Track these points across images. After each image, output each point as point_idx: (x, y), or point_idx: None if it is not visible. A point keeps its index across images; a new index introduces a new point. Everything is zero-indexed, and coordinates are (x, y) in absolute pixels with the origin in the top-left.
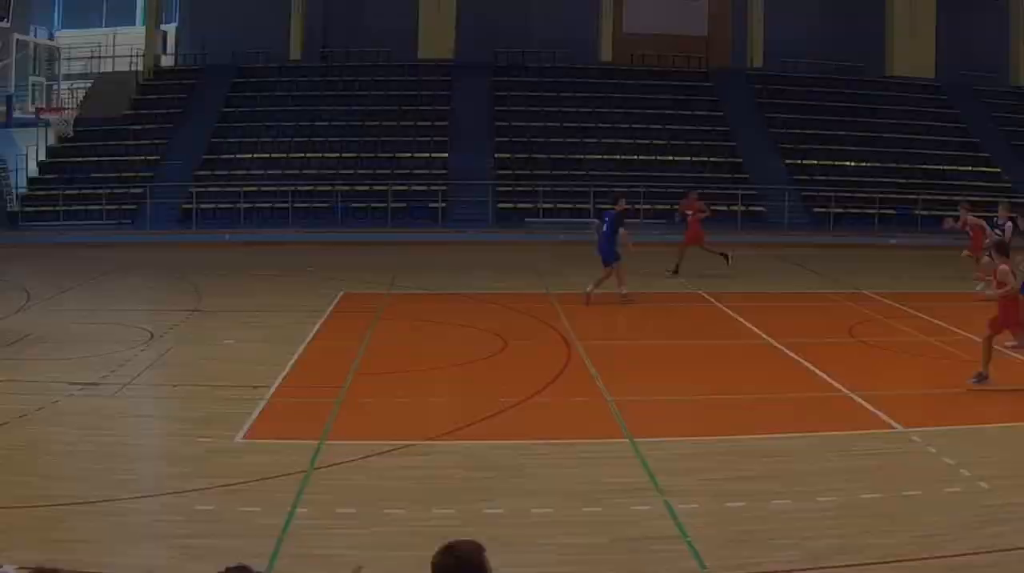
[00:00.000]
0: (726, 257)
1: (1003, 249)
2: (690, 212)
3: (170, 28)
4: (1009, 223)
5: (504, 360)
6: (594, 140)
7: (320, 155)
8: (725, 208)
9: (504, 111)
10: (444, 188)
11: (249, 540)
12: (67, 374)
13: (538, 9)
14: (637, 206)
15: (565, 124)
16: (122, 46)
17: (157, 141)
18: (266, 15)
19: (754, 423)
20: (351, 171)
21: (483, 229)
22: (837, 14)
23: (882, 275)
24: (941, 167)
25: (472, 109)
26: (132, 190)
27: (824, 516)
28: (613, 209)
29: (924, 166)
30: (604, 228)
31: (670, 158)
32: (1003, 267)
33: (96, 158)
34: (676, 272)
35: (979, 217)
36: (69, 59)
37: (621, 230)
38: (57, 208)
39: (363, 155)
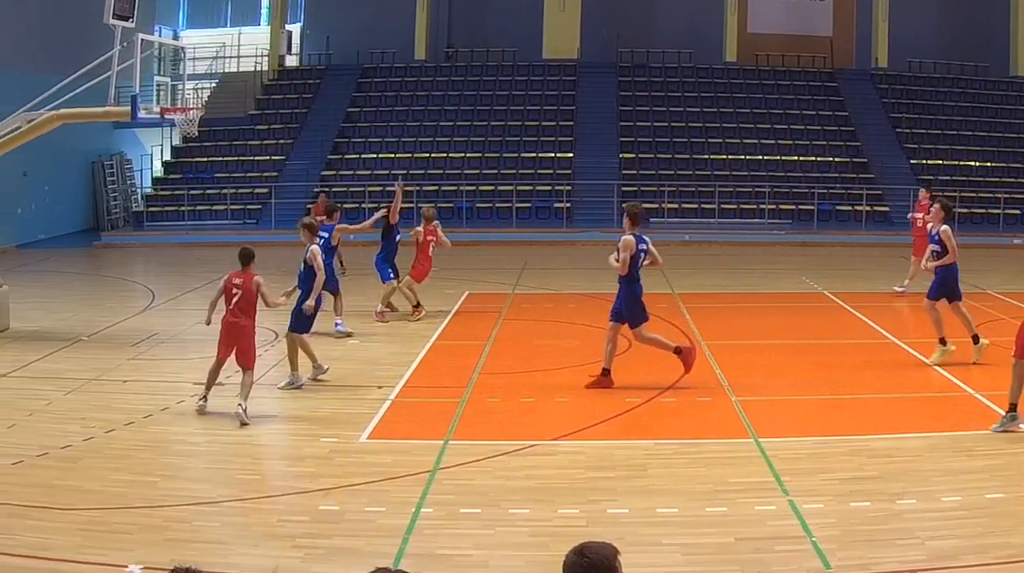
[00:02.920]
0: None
1: None
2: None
3: (295, 28)
4: None
5: (629, 360)
6: (719, 140)
7: (445, 155)
8: (849, 207)
9: (629, 111)
10: (569, 188)
11: (373, 540)
12: (192, 374)
13: (663, 9)
14: (762, 206)
15: (690, 124)
16: (247, 46)
17: (282, 141)
18: (390, 14)
19: (878, 423)
20: (476, 171)
21: (608, 229)
22: (962, 13)
23: (1006, 275)
24: None
25: (597, 109)
26: (257, 190)
27: (948, 516)
28: None
29: None
30: None
31: (795, 158)
32: None
33: (221, 158)
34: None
35: None
36: (194, 59)
37: None
38: (181, 208)
39: (488, 155)
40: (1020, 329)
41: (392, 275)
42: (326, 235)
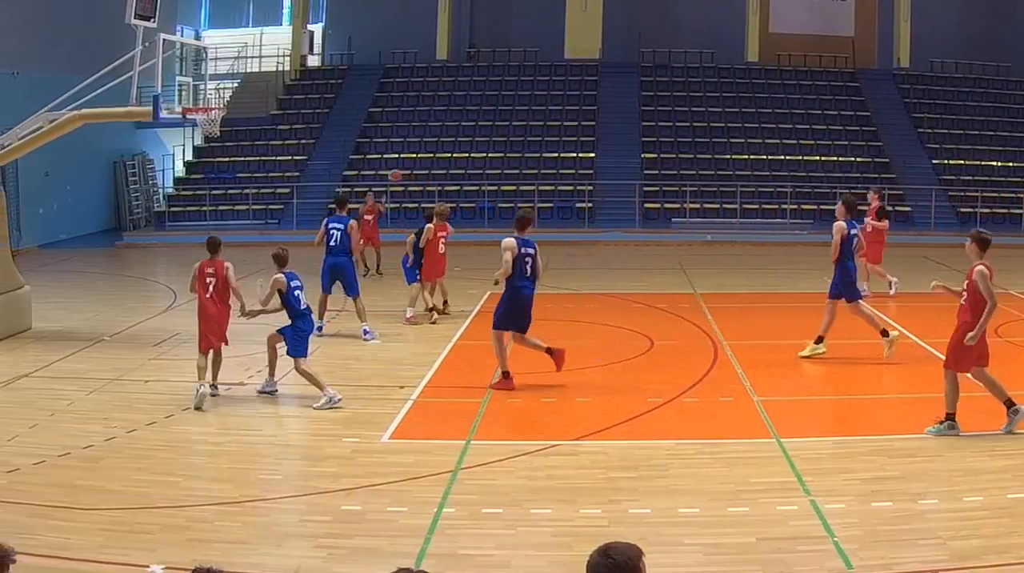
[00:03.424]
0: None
1: None
2: None
3: (316, 28)
4: None
5: (651, 360)
6: (740, 140)
7: (466, 155)
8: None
9: (651, 111)
10: (591, 188)
11: (395, 540)
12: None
13: (685, 9)
14: (783, 206)
15: (712, 124)
16: (268, 46)
17: (303, 141)
18: (412, 15)
19: (899, 423)
20: (498, 171)
21: (630, 229)
22: (984, 13)
23: None
24: None
25: (619, 109)
26: (279, 190)
27: (970, 516)
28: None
29: None
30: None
31: (817, 158)
32: None
33: (242, 158)
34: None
35: None
36: (216, 59)
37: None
38: (203, 208)
39: (510, 155)
40: (951, 340)
41: (418, 277)
42: (341, 227)
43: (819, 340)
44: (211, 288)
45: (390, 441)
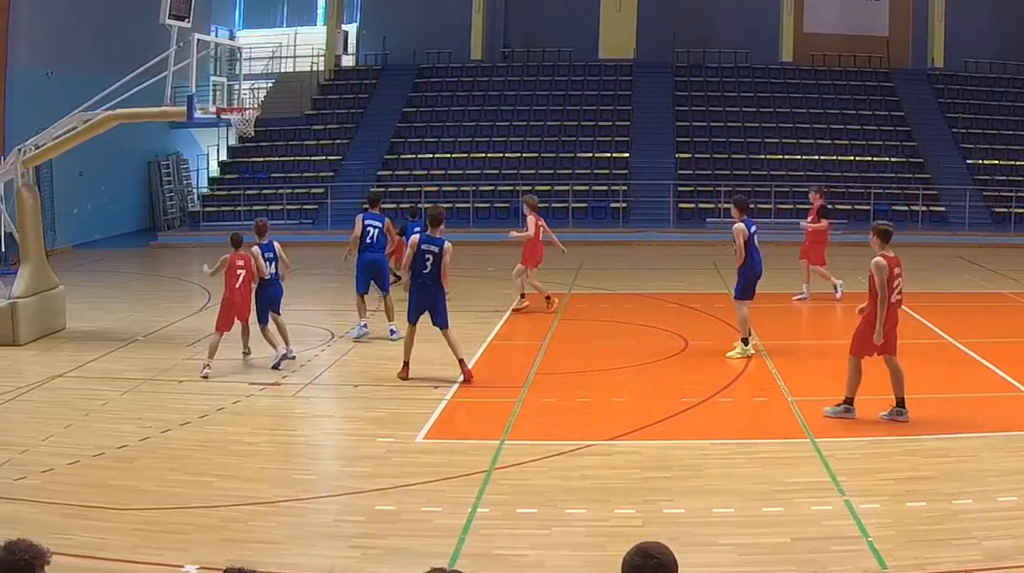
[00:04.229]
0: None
1: None
2: None
3: (351, 28)
4: None
5: (685, 360)
6: (775, 140)
7: (501, 155)
8: (906, 208)
9: (685, 111)
10: (625, 188)
11: (429, 540)
12: (248, 374)
13: (719, 9)
14: None
15: (746, 124)
16: (303, 46)
17: (338, 141)
18: (447, 15)
19: (934, 423)
20: (532, 171)
21: (664, 229)
22: (1018, 13)
23: None
24: None
25: (653, 109)
26: (313, 190)
27: (1005, 516)
28: None
29: None
30: None
31: (851, 158)
32: None
33: (277, 158)
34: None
35: None
36: (250, 59)
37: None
38: (238, 208)
39: (544, 155)
40: (857, 329)
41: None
42: (379, 224)
43: (745, 341)
44: (240, 280)
45: (424, 441)
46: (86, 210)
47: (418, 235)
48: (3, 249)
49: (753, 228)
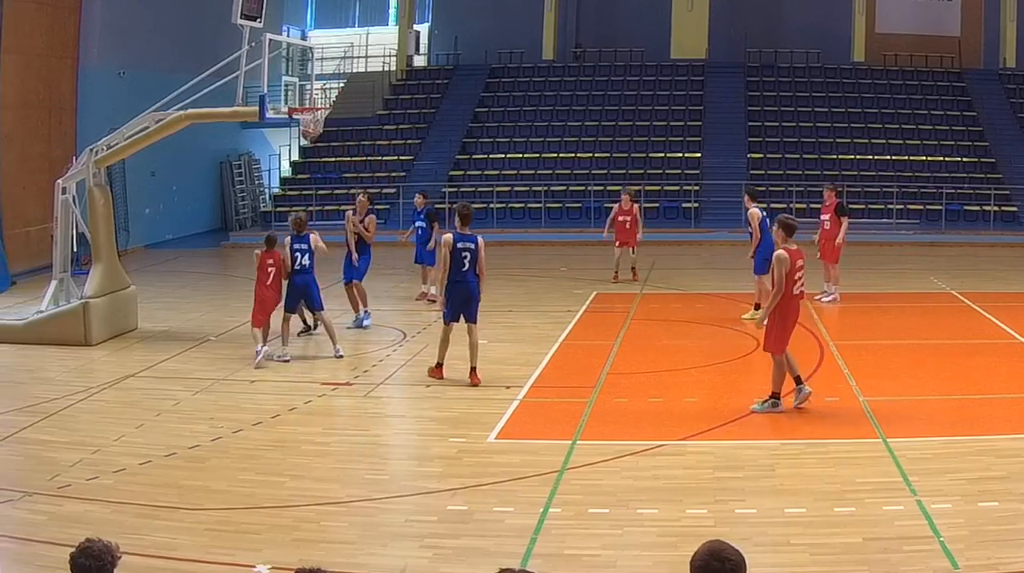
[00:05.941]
0: None
1: None
2: None
3: (423, 28)
4: None
5: (756, 360)
6: (847, 140)
7: (573, 155)
8: (978, 208)
9: (757, 111)
10: (697, 188)
11: (501, 540)
12: (319, 374)
13: (790, 9)
14: (889, 206)
15: (818, 124)
16: (375, 46)
17: (410, 141)
18: (518, 14)
19: (1006, 423)
20: (604, 171)
21: (736, 229)
22: None
23: None
24: None
25: (725, 109)
26: (384, 190)
27: None
28: None
29: None
30: None
31: (923, 158)
32: None
33: (348, 158)
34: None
35: None
36: (322, 59)
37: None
38: (309, 208)
39: (616, 155)
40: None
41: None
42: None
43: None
44: (271, 277)
45: (496, 441)
46: (158, 210)
47: (451, 235)
48: (75, 249)
49: (764, 213)
